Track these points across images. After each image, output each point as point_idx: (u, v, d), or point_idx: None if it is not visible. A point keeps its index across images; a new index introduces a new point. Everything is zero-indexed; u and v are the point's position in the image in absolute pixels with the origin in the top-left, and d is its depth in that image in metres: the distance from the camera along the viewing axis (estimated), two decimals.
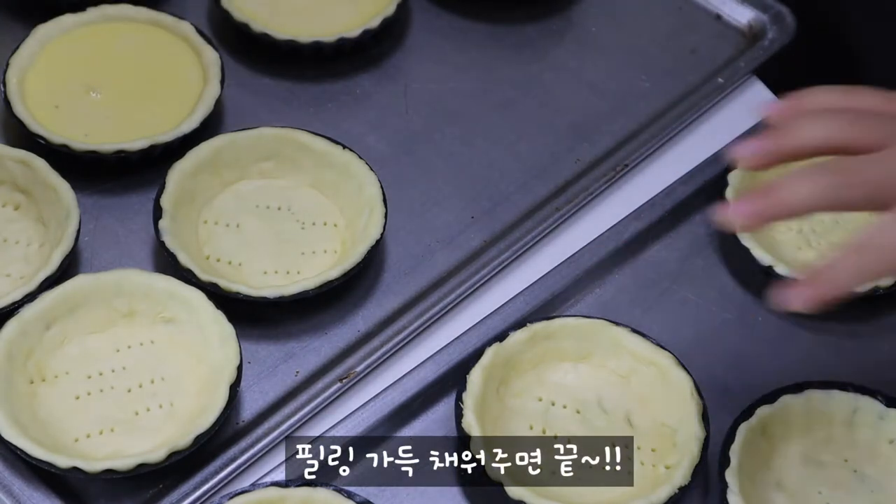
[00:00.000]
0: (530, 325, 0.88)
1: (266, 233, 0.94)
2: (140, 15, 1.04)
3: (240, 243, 0.94)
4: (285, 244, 0.94)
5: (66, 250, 0.89)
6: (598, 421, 0.86)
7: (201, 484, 0.83)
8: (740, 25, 1.12)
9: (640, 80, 1.08)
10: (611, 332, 0.88)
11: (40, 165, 0.93)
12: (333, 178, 0.96)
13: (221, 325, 0.86)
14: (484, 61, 1.09)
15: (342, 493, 0.80)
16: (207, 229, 0.94)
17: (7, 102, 0.97)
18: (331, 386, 0.88)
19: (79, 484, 0.83)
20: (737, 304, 0.94)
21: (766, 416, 0.84)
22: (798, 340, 0.93)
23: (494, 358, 0.86)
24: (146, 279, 0.88)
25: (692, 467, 0.82)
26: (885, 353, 0.92)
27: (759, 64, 1.08)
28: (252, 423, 0.87)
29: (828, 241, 0.96)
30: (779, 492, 0.83)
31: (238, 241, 0.94)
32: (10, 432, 0.80)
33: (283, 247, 0.94)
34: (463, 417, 0.83)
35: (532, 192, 1.00)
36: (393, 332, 0.91)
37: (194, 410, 0.84)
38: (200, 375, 0.85)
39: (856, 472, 0.84)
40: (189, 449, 0.81)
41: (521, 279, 0.94)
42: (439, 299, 0.92)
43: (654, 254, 0.97)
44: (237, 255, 0.93)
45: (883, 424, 0.85)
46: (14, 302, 0.87)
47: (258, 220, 0.95)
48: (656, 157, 1.03)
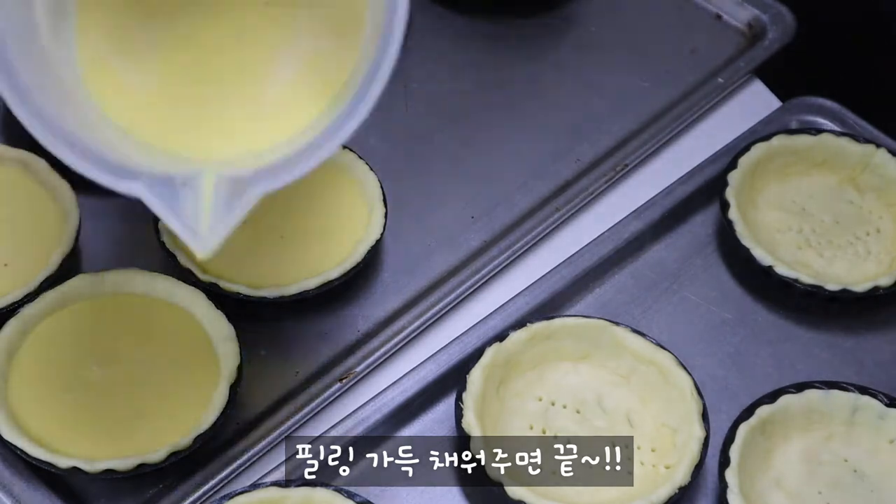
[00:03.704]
0: (530, 325, 0.88)
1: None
2: None
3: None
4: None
5: (66, 250, 0.89)
6: (598, 421, 0.86)
7: (201, 484, 0.83)
8: (740, 25, 1.12)
9: (640, 80, 1.08)
10: (611, 332, 0.88)
11: (40, 165, 0.93)
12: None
13: (221, 325, 0.86)
14: (484, 61, 1.09)
15: (342, 493, 0.80)
16: None
17: None
18: (331, 386, 0.88)
19: (79, 484, 0.83)
20: (737, 304, 0.94)
21: (766, 415, 0.84)
22: (798, 340, 0.93)
23: (494, 358, 0.86)
24: (146, 279, 0.88)
25: (692, 467, 0.82)
26: (885, 353, 0.92)
27: (759, 64, 1.08)
28: (252, 423, 0.87)
29: (828, 240, 0.96)
30: (779, 491, 0.83)
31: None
32: (10, 432, 0.80)
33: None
34: (463, 417, 0.83)
35: (532, 192, 1.00)
36: (393, 332, 0.91)
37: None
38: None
39: (856, 471, 0.84)
40: (189, 449, 0.81)
41: (521, 279, 0.94)
42: (439, 299, 0.92)
43: (654, 254, 0.97)
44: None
45: (883, 424, 0.85)
46: (14, 302, 0.87)
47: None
48: (656, 157, 1.03)
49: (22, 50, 0.67)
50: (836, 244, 0.96)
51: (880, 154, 0.98)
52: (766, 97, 1.08)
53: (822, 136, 0.99)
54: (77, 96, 0.73)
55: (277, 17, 0.77)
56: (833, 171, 1.00)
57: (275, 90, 0.76)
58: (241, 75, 0.76)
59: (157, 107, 0.75)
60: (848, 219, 0.97)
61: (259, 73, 0.77)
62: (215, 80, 0.76)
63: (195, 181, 0.67)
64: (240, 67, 0.77)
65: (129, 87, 0.75)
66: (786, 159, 0.99)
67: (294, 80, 0.76)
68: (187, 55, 0.76)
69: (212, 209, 0.66)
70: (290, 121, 0.74)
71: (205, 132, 0.74)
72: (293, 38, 0.77)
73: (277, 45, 0.77)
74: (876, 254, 0.96)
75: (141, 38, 0.76)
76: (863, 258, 0.95)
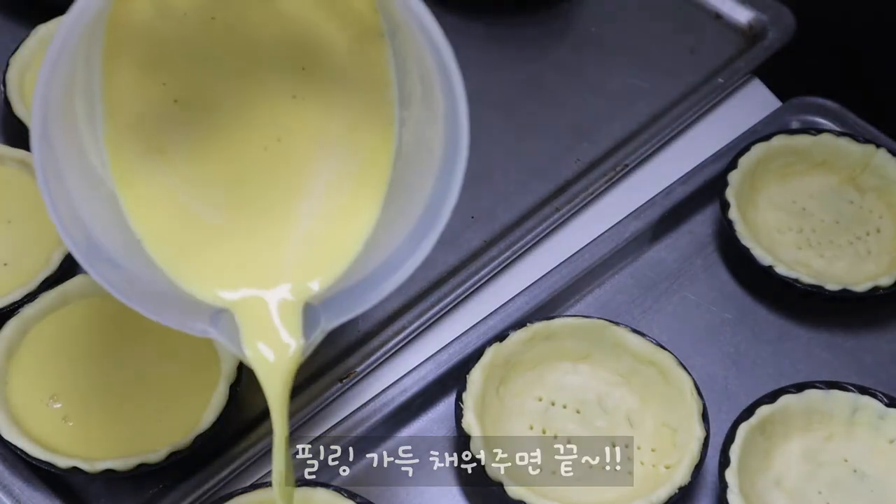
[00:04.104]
0: (530, 325, 0.88)
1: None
2: None
3: None
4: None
5: (66, 250, 0.89)
6: (598, 421, 0.86)
7: (201, 484, 0.83)
8: (740, 25, 1.12)
9: (640, 80, 1.08)
10: (611, 332, 0.88)
11: None
12: None
13: None
14: (484, 61, 1.09)
15: (342, 493, 0.80)
16: None
17: (7, 102, 0.97)
18: (331, 386, 0.88)
19: (79, 484, 0.83)
20: (737, 304, 0.94)
21: (766, 415, 0.84)
22: (798, 340, 0.93)
23: (494, 358, 0.86)
24: None
25: (692, 467, 0.82)
26: (885, 353, 0.92)
27: (759, 64, 1.08)
28: (252, 423, 0.87)
29: (828, 240, 0.96)
30: (779, 491, 0.83)
31: None
32: (10, 432, 0.80)
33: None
34: (463, 417, 0.83)
35: (532, 192, 1.00)
36: (393, 332, 0.91)
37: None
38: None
39: (856, 471, 0.84)
40: (189, 449, 0.81)
41: (521, 279, 0.94)
42: (439, 299, 0.92)
43: (654, 254, 0.97)
44: None
45: (883, 424, 0.85)
46: (14, 302, 0.87)
47: None
48: (656, 157, 1.03)
49: (72, 164, 0.66)
50: (836, 244, 0.96)
51: (880, 154, 0.98)
52: (766, 97, 1.08)
53: (822, 136, 0.99)
54: (119, 211, 0.71)
55: (308, 110, 0.73)
56: (833, 171, 1.00)
57: (320, 208, 0.73)
58: (282, 191, 0.73)
59: (191, 231, 0.72)
60: (848, 219, 0.97)
61: (300, 189, 0.73)
62: (255, 202, 0.73)
63: (252, 310, 0.68)
64: (278, 183, 0.73)
65: (161, 205, 0.72)
66: (786, 159, 0.99)
67: (338, 189, 0.73)
68: (221, 168, 0.73)
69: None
70: (344, 238, 0.72)
71: (250, 265, 0.71)
72: (328, 136, 0.74)
73: (313, 154, 0.73)
74: (876, 254, 0.96)
75: (170, 146, 0.73)
76: (863, 258, 0.95)
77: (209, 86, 0.73)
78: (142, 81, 0.72)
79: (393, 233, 0.70)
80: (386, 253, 0.69)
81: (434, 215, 0.67)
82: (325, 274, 0.71)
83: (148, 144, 0.72)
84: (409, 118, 0.72)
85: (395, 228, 0.70)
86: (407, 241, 0.67)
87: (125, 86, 0.72)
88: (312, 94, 0.73)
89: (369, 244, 0.71)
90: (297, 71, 0.73)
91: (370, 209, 0.72)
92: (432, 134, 0.68)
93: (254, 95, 0.73)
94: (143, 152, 0.72)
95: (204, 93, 0.73)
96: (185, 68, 0.72)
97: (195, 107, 0.73)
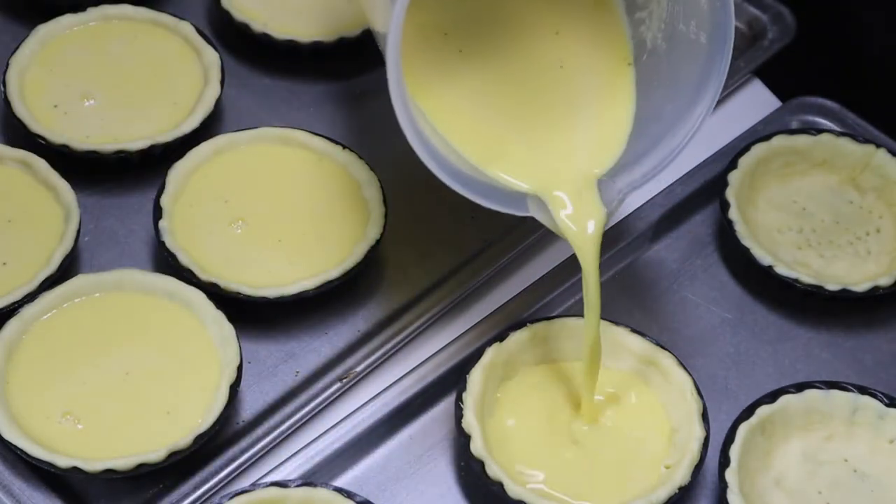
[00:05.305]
0: (530, 325, 0.88)
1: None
2: (140, 15, 1.04)
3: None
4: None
5: (66, 250, 0.89)
6: None
7: (201, 484, 0.83)
8: (740, 25, 1.12)
9: None
10: (611, 332, 0.88)
11: (41, 165, 0.93)
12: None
13: (221, 325, 0.86)
14: None
15: (342, 493, 0.80)
16: None
17: (7, 102, 0.97)
18: (331, 386, 0.88)
19: (79, 484, 0.83)
20: (737, 304, 0.94)
21: (766, 415, 0.84)
22: (798, 340, 0.93)
23: (494, 358, 0.86)
24: (146, 279, 0.88)
25: (692, 467, 0.82)
26: (885, 353, 0.92)
27: (760, 64, 1.08)
28: (252, 423, 0.87)
29: (828, 240, 0.96)
30: (779, 491, 0.83)
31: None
32: (10, 432, 0.80)
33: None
34: (463, 417, 0.83)
35: None
36: (393, 332, 0.91)
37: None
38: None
39: (856, 471, 0.84)
40: (189, 449, 0.81)
41: (521, 279, 0.94)
42: (439, 299, 0.92)
43: (654, 254, 0.97)
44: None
45: (883, 424, 0.85)
46: (14, 302, 0.87)
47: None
48: None
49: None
50: (836, 244, 0.96)
51: (880, 154, 0.98)
52: (766, 97, 1.07)
53: (822, 136, 0.99)
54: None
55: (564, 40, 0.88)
56: (833, 171, 1.00)
57: (587, 107, 0.87)
58: (559, 95, 0.87)
59: (495, 133, 0.85)
60: (848, 219, 0.97)
61: (569, 96, 0.87)
62: (539, 108, 0.86)
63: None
64: (556, 89, 0.87)
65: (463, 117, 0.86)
66: (786, 159, 0.99)
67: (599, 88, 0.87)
68: (505, 88, 0.87)
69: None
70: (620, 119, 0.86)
71: (549, 156, 0.85)
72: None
73: (570, 75, 0.88)
74: (876, 254, 0.96)
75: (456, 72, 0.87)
76: (863, 258, 0.95)
77: (483, 22, 0.89)
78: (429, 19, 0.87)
79: (663, 109, 0.84)
80: (663, 124, 0.83)
81: (708, 76, 0.81)
82: (609, 152, 0.85)
83: (449, 51, 0.87)
84: (650, 18, 0.85)
85: (664, 106, 0.84)
86: (686, 105, 0.82)
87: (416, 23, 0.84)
88: (567, 29, 0.89)
89: (637, 126, 0.86)
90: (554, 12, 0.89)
91: (626, 99, 0.87)
92: (686, 26, 0.81)
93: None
94: (441, 60, 0.86)
95: (479, 29, 0.89)
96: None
97: (475, 34, 0.88)
